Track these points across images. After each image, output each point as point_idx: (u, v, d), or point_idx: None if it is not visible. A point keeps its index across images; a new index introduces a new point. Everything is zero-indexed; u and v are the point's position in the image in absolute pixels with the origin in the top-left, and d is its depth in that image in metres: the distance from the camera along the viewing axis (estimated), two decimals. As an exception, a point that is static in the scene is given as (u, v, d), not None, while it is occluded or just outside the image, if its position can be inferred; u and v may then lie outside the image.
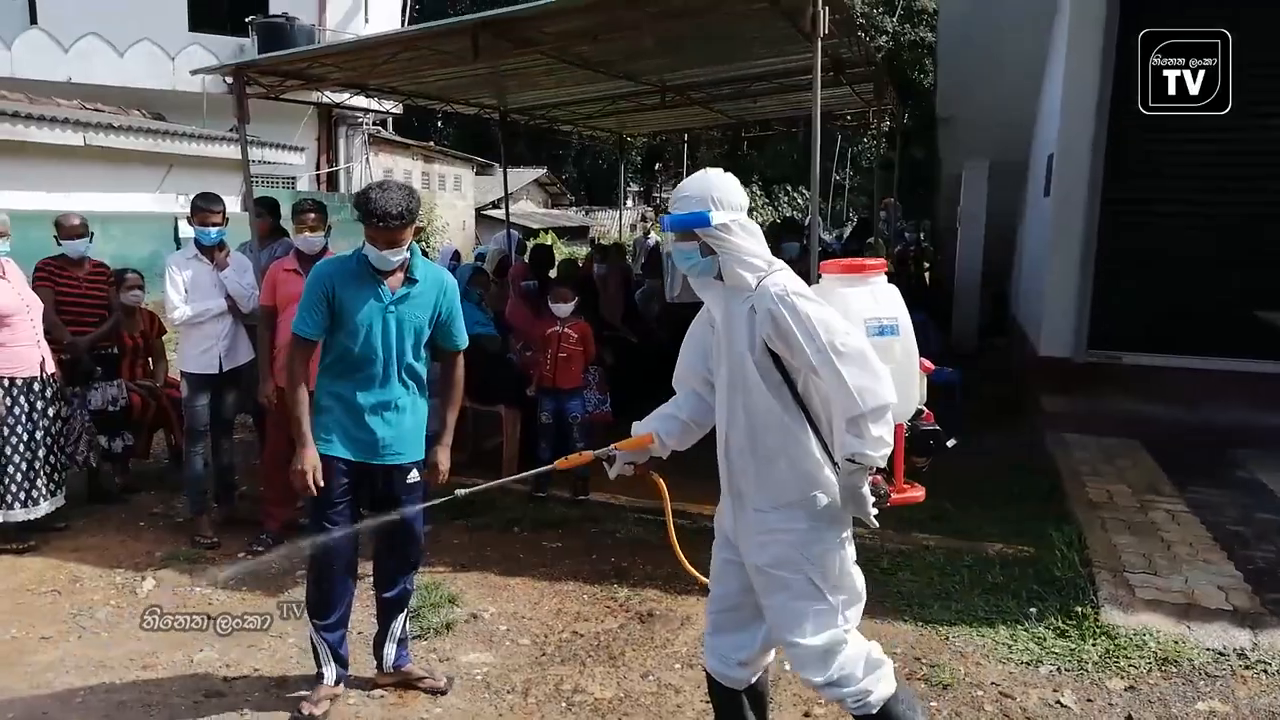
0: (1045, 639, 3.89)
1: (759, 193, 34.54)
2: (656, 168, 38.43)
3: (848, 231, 16.16)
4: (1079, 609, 4.02)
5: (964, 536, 5.07)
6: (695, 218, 2.52)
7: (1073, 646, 3.81)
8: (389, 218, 3.12)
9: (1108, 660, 3.70)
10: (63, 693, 3.51)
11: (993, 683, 3.59)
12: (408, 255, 3.28)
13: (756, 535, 2.60)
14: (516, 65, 6.69)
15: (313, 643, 3.47)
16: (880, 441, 2.38)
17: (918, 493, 2.82)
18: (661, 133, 14.20)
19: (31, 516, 4.84)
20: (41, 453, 4.87)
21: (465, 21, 5.14)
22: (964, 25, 10.08)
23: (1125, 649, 3.76)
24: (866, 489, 2.43)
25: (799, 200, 35.37)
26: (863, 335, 2.50)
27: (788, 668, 2.82)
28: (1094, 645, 3.80)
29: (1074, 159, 7.42)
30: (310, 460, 3.26)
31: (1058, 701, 3.46)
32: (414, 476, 3.43)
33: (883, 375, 2.40)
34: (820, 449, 2.55)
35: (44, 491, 4.88)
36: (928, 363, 2.81)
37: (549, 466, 3.07)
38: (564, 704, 3.48)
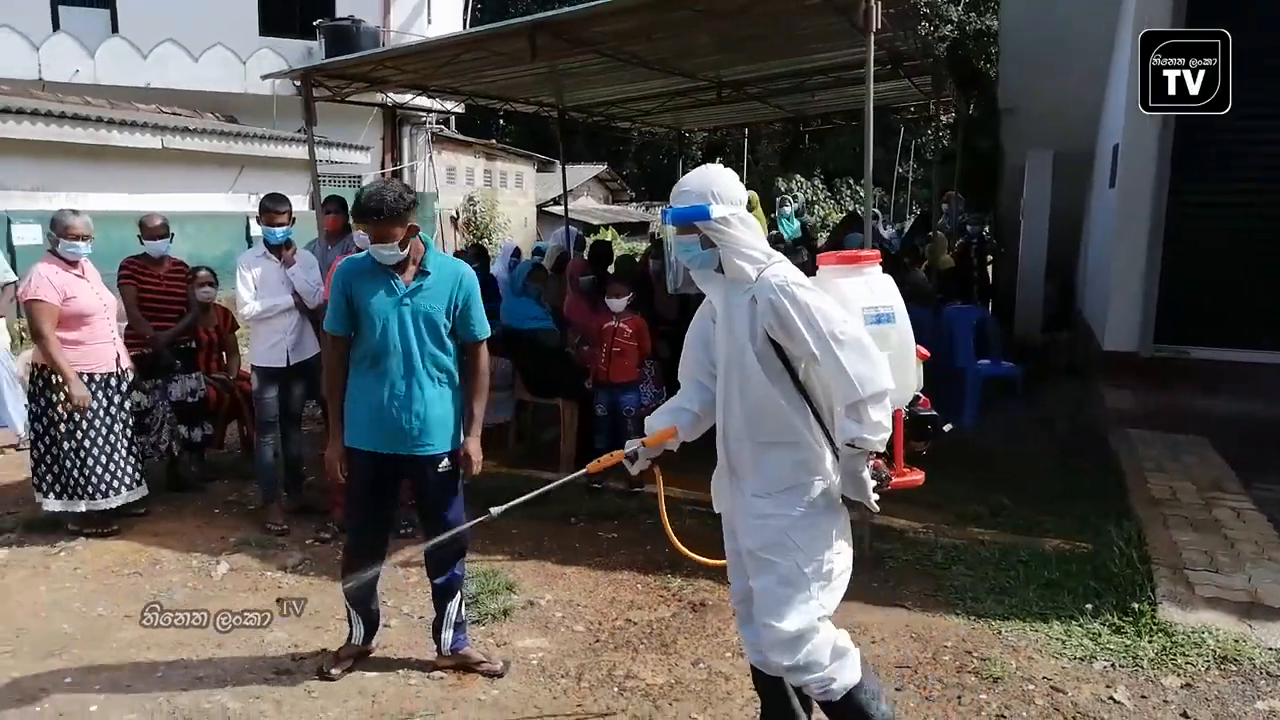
0: (1100, 635, 3.86)
1: (820, 186, 34.23)
2: (717, 162, 38.33)
3: (909, 225, 15.97)
4: (1136, 606, 3.97)
5: (1021, 532, 5.05)
6: (695, 211, 2.60)
7: (1128, 643, 3.77)
8: (368, 213, 3.31)
9: (1164, 657, 3.66)
10: (145, 666, 3.71)
11: (1044, 677, 3.58)
12: (402, 251, 3.39)
13: (750, 519, 2.68)
14: (573, 65, 6.79)
15: (346, 608, 3.74)
16: (879, 426, 2.45)
17: (917, 476, 2.88)
18: (721, 127, 14.20)
19: (110, 505, 5.08)
20: (121, 445, 5.10)
21: (522, 23, 5.26)
22: (1027, 13, 9.89)
23: (1183, 646, 3.71)
24: (867, 473, 2.50)
25: (861, 194, 34.97)
26: (860, 324, 2.57)
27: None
28: (1150, 642, 3.75)
29: (1140, 149, 7.27)
30: (336, 451, 3.54)
31: (1110, 697, 3.44)
32: (445, 466, 3.54)
33: (880, 362, 2.47)
34: (821, 436, 2.61)
35: (126, 482, 5.12)
36: (923, 350, 2.89)
37: (580, 472, 3.05)
38: (616, 689, 3.57)
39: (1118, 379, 7.30)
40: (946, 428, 2.88)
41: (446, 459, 3.54)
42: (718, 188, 2.61)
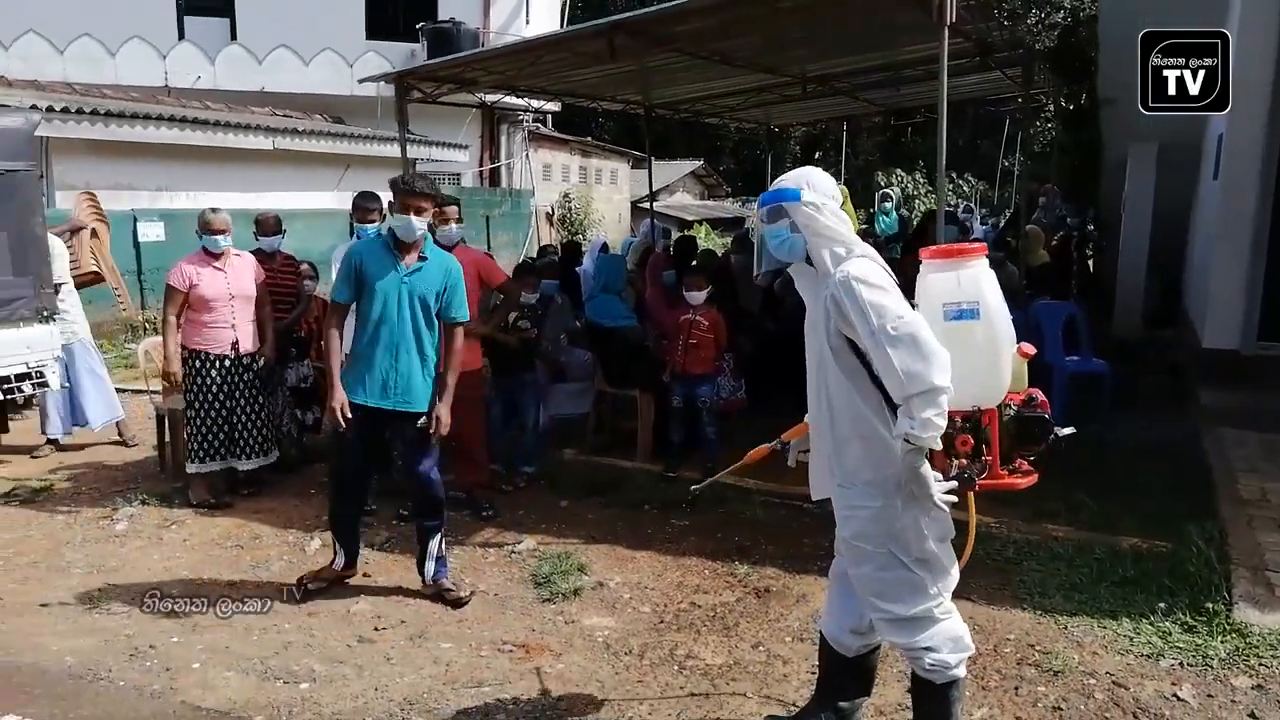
0: (1170, 633, 3.79)
1: (922, 180, 33.53)
2: (816, 156, 37.90)
3: (1004, 220, 15.57)
4: (1210, 605, 3.88)
5: (1099, 530, 4.94)
6: (787, 192, 2.70)
7: (1199, 642, 3.70)
8: (422, 191, 4.08)
9: (1236, 658, 3.58)
10: (241, 630, 4.03)
11: (1107, 672, 3.55)
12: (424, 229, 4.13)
13: (841, 510, 2.76)
14: (655, 63, 6.92)
15: (332, 539, 4.42)
16: (929, 423, 2.43)
17: (1021, 480, 2.72)
18: (819, 121, 14.11)
19: (240, 466, 5.59)
20: (233, 417, 5.52)
21: (599, 25, 5.42)
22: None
23: (1257, 648, 3.62)
24: (926, 468, 2.50)
25: (964, 187, 34.13)
26: (920, 320, 2.52)
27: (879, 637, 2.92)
28: (1222, 642, 3.67)
29: (1246, 139, 7.01)
30: (338, 399, 4.09)
31: (1175, 695, 3.39)
32: (422, 422, 4.18)
33: (934, 360, 2.43)
34: None
35: (246, 451, 5.59)
36: (1027, 347, 2.78)
37: (739, 464, 3.39)
38: (676, 667, 3.69)
39: (1217, 377, 7.05)
40: (1064, 432, 2.71)
41: (424, 417, 4.19)
42: (812, 180, 2.73)
